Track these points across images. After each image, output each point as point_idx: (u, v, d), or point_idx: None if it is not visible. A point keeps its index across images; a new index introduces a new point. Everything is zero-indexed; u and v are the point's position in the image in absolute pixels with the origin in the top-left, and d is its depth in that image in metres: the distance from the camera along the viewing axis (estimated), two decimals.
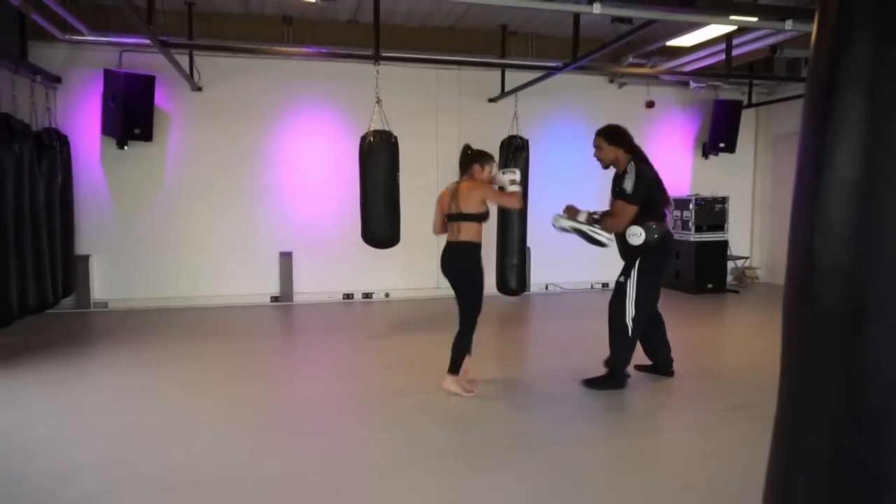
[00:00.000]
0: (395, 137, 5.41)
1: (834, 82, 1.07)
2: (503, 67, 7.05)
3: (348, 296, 7.35)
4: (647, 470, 2.88)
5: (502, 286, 6.81)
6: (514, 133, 6.78)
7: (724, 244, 7.86)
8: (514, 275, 6.63)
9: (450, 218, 3.95)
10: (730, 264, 8.22)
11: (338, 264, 7.25)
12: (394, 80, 5.52)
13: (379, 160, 5.36)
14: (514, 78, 7.15)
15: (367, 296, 7.41)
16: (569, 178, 7.98)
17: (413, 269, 7.45)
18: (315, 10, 6.39)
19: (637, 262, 3.96)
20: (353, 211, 7.04)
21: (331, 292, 7.27)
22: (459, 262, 3.91)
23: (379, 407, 3.68)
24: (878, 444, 1.05)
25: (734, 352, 5.34)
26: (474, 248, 3.87)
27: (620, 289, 4.03)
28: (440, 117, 7.53)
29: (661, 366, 4.28)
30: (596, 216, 4.14)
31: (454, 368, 3.89)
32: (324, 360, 4.87)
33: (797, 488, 1.16)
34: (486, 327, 6.37)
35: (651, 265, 3.94)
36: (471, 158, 4.00)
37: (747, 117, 8.32)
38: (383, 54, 5.49)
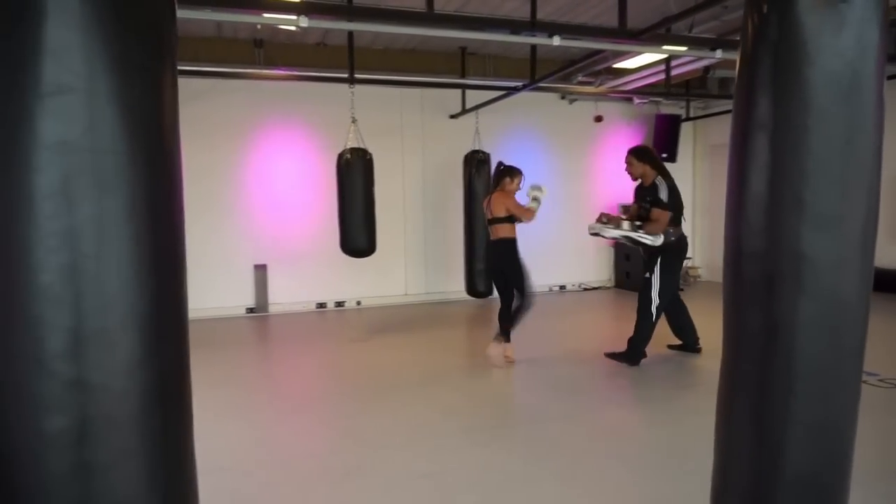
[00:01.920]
0: (370, 154, 5.81)
1: (748, 127, 1.57)
2: (464, 87, 7.54)
3: (321, 305, 7.66)
4: (618, 437, 3.37)
5: (471, 289, 7.26)
6: (476, 147, 7.29)
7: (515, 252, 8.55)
8: (482, 279, 7.09)
9: (488, 222, 4.90)
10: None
11: (310, 275, 7.56)
12: (360, 99, 5.92)
13: (356, 175, 5.75)
14: (473, 96, 7.66)
15: (339, 304, 7.74)
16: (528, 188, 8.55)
17: (382, 278, 7.83)
18: (287, 33, 6.73)
19: (658, 260, 4.74)
20: (324, 223, 7.41)
21: (304, 302, 7.58)
22: (501, 255, 4.84)
23: (377, 398, 4.07)
24: (785, 370, 1.54)
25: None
26: (510, 243, 4.78)
27: (646, 283, 4.82)
28: (404, 133, 7.97)
29: (689, 344, 5.08)
30: (638, 223, 4.84)
31: (506, 335, 4.81)
32: (315, 362, 5.21)
33: (736, 406, 1.65)
34: (459, 329, 6.83)
35: (670, 262, 4.76)
36: (503, 173, 4.91)
37: (686, 130, 9.08)
38: (344, 77, 5.92)
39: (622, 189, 8.99)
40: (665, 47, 4.79)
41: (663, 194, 4.67)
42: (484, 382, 4.55)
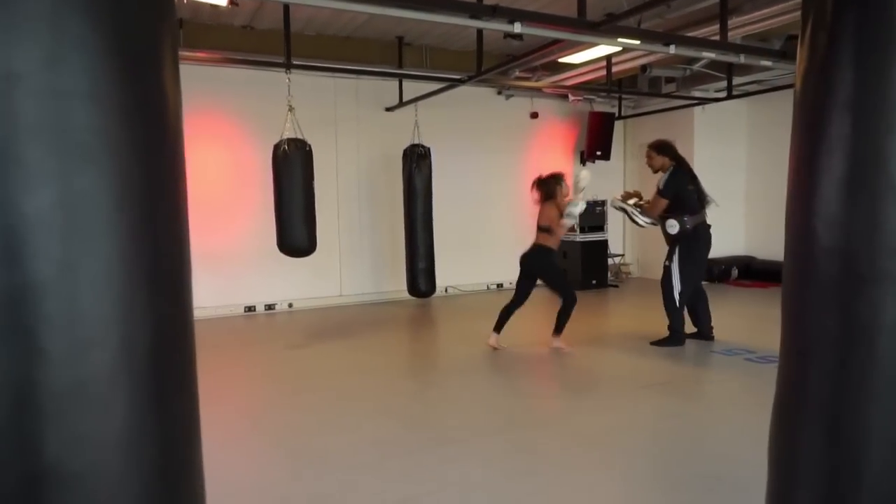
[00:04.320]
0: (310, 146, 5.40)
1: (825, 107, 1.39)
2: (401, 77, 7.23)
3: (250, 308, 7.13)
4: (599, 444, 3.20)
5: (413, 289, 6.99)
6: (416, 142, 7.01)
7: (605, 244, 8.62)
8: (424, 278, 6.84)
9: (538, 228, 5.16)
10: (609, 261, 9.00)
11: (238, 276, 7.00)
12: (292, 88, 5.49)
13: (294, 168, 5.32)
14: (410, 88, 7.37)
15: (269, 307, 7.23)
16: (469, 184, 8.37)
17: (316, 278, 7.39)
18: (211, 13, 6.17)
19: (677, 248, 4.99)
20: (253, 221, 6.89)
21: (231, 305, 7.01)
22: (533, 260, 5.13)
23: (331, 412, 3.71)
24: (869, 380, 1.38)
25: (637, 337, 5.92)
26: (545, 250, 5.06)
27: (667, 271, 5.06)
28: (339, 126, 7.56)
29: (703, 332, 5.22)
30: (643, 202, 5.18)
31: (559, 331, 5.03)
32: (251, 373, 4.74)
33: (805, 422, 1.47)
34: (402, 331, 6.52)
35: (688, 250, 4.96)
36: (555, 182, 5.15)
37: (618, 128, 9.19)
38: (281, 61, 5.48)
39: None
40: (621, 40, 4.70)
41: (661, 182, 5.00)
42: (441, 389, 4.29)
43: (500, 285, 8.62)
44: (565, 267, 8.53)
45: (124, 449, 0.78)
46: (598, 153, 8.84)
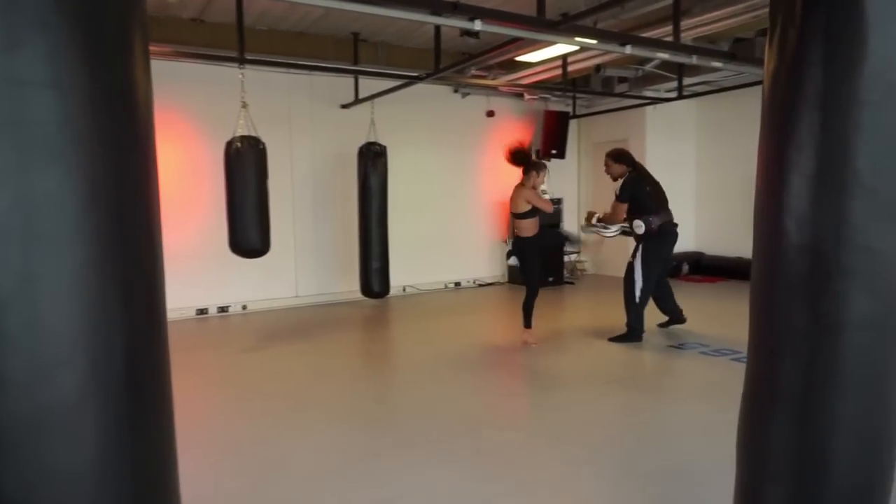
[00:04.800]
0: (264, 143, 5.26)
1: (794, 105, 1.41)
2: (357, 74, 7.13)
3: (202, 311, 6.90)
4: (566, 441, 3.21)
5: (366, 290, 6.89)
6: (373, 139, 6.92)
7: (544, 244, 8.68)
8: (378, 278, 6.75)
9: (512, 216, 5.25)
10: (565, 259, 9.10)
11: (189, 278, 6.76)
12: (244, 84, 5.34)
13: (247, 166, 5.17)
14: (366, 85, 7.28)
15: (222, 309, 7.02)
16: (426, 182, 8.32)
17: (271, 279, 7.22)
18: (158, 4, 5.93)
19: (641, 246, 5.17)
20: (205, 221, 6.68)
21: (182, 308, 6.77)
22: (521, 251, 5.23)
23: (291, 416, 3.61)
24: (837, 375, 1.40)
25: (596, 333, 5.99)
26: (527, 240, 5.15)
27: (630, 267, 5.21)
28: (293, 123, 7.39)
29: (675, 318, 5.49)
30: (601, 216, 5.45)
31: (528, 325, 5.15)
32: (207, 378, 4.57)
33: (774, 416, 1.49)
34: (359, 332, 6.42)
35: (653, 248, 5.16)
36: (530, 166, 5.21)
37: (572, 127, 9.30)
38: (234, 56, 5.32)
39: (512, 183, 9.04)
40: (579, 39, 4.73)
41: (618, 188, 5.23)
42: (404, 390, 4.24)
43: (457, 284, 8.61)
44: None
45: (95, 484, 0.69)
46: (554, 152, 8.92)
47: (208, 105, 6.67)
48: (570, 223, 9.60)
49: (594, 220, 5.42)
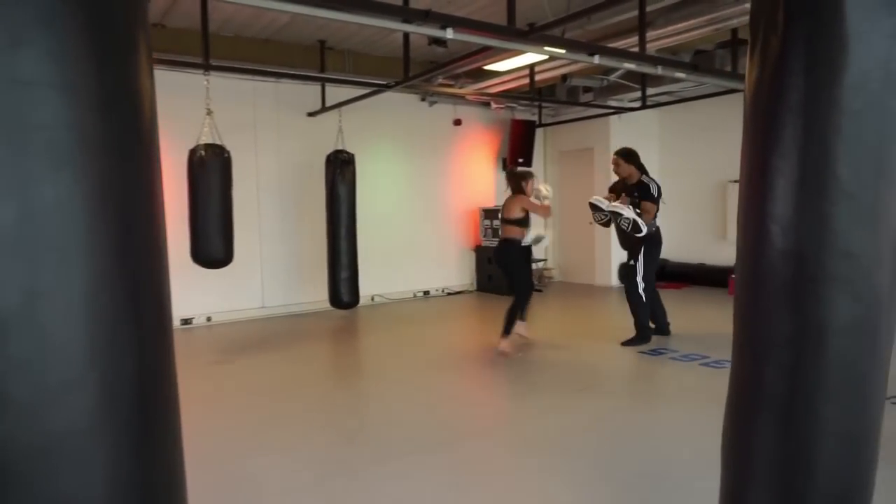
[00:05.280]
0: (228, 152, 5.15)
1: (776, 106, 1.43)
2: (324, 81, 7.06)
3: None
4: (542, 449, 3.20)
5: (335, 300, 6.80)
6: (340, 147, 6.85)
7: (528, 249, 8.73)
8: (347, 288, 6.68)
9: (503, 221, 5.32)
10: (533, 266, 9.14)
11: None
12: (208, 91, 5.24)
13: (211, 175, 5.06)
14: (333, 93, 7.22)
15: (186, 322, 6.82)
16: (393, 190, 8.28)
17: (236, 290, 7.06)
18: None
19: (641, 249, 5.34)
20: (168, 230, 6.47)
21: None
22: (511, 254, 5.22)
23: (264, 430, 3.51)
24: (820, 379, 1.42)
25: (566, 339, 6.02)
26: (512, 242, 5.21)
27: (630, 269, 5.41)
28: (258, 131, 7.27)
29: (661, 328, 5.59)
30: (637, 211, 5.36)
31: (507, 332, 5.09)
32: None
33: (758, 420, 1.50)
34: (328, 343, 6.31)
35: (650, 249, 5.35)
36: (521, 176, 5.34)
37: (538, 135, 9.39)
38: (198, 62, 5.22)
39: (482, 194, 9.09)
40: (549, 49, 4.77)
41: (654, 190, 5.32)
42: (377, 401, 4.18)
43: (426, 293, 8.57)
44: (490, 273, 8.63)
45: None
46: (521, 160, 8.98)
47: (171, 112, 6.45)
48: (537, 229, 9.65)
49: (631, 210, 5.33)
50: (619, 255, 8.97)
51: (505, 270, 5.35)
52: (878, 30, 1.32)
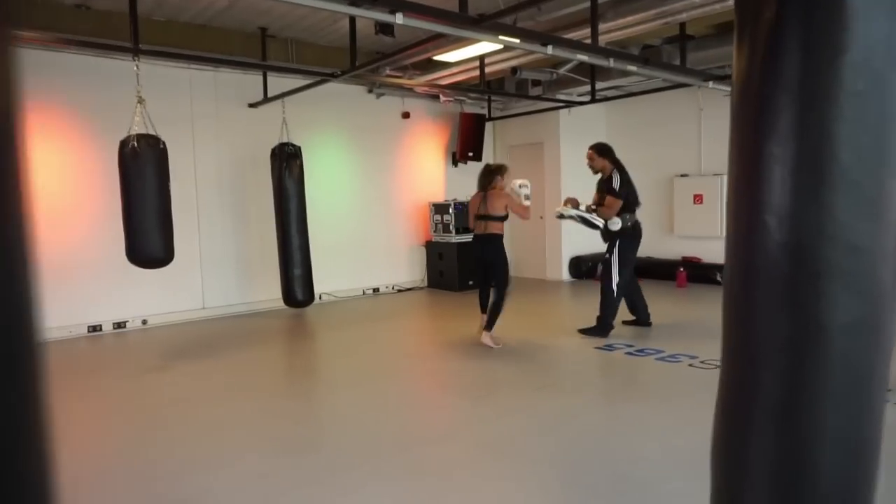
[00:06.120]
0: (164, 143, 4.81)
1: (770, 89, 1.32)
2: (265, 69, 6.74)
3: (95, 328, 6.25)
4: (496, 450, 3.07)
5: (288, 298, 6.54)
6: (285, 140, 6.57)
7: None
8: (301, 286, 6.44)
9: (479, 217, 5.19)
10: None
11: (79, 292, 6.11)
12: (141, 80, 4.87)
13: (146, 169, 4.71)
14: (276, 84, 6.90)
15: (119, 325, 6.39)
16: (340, 184, 8.02)
17: (174, 290, 6.67)
18: None
19: (617, 243, 5.29)
20: (97, 228, 6.06)
21: (71, 325, 6.10)
22: (496, 249, 5.15)
23: (203, 445, 3.25)
24: (820, 378, 1.33)
25: (520, 335, 5.93)
26: (499, 238, 5.15)
27: (606, 263, 5.37)
28: (196, 123, 6.88)
29: (641, 319, 5.62)
30: (593, 207, 5.42)
31: (490, 327, 5.09)
32: (103, 405, 4.07)
33: (752, 423, 1.40)
34: (275, 345, 6.02)
35: (626, 245, 5.32)
36: (495, 172, 5.25)
37: (487, 129, 9.29)
38: (127, 45, 4.86)
39: (430, 188, 8.92)
40: (502, 38, 4.64)
41: (616, 184, 5.26)
42: (328, 407, 3.96)
43: (376, 290, 8.35)
44: (441, 269, 8.49)
45: None
46: (470, 154, 8.87)
47: (98, 100, 6.07)
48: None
49: (582, 208, 5.38)
50: (570, 250, 9.01)
51: (490, 266, 5.24)
52: (880, 4, 1.22)
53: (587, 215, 5.33)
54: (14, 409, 0.59)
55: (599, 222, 5.30)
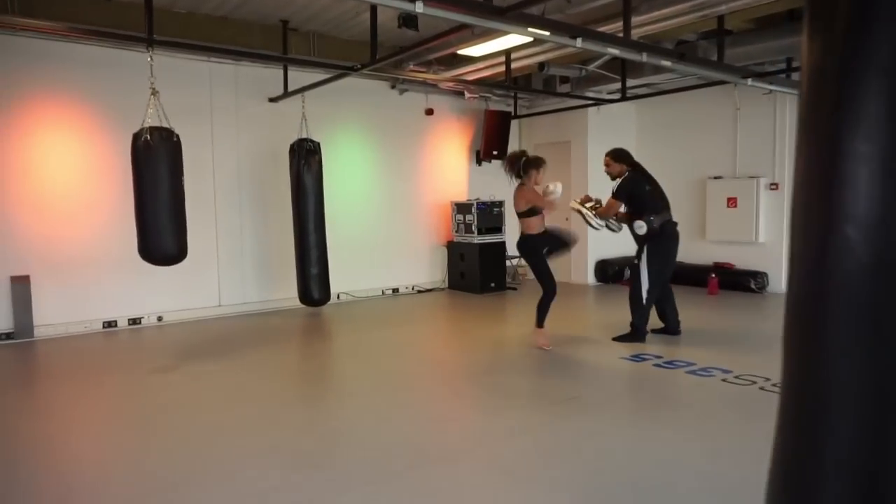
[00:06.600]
0: (178, 136, 4.68)
1: (855, 72, 1.07)
2: (286, 63, 6.59)
3: (110, 323, 6.17)
4: (510, 472, 2.84)
5: (305, 297, 6.41)
6: (305, 136, 6.42)
7: (503, 245, 8.40)
8: (317, 284, 6.29)
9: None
10: (507, 264, 8.80)
11: (94, 287, 6.04)
12: (160, 73, 4.71)
13: (159, 162, 4.58)
14: (296, 78, 6.75)
15: (134, 321, 6.30)
16: (360, 182, 7.85)
17: (190, 287, 6.56)
18: None
19: (645, 248, 5.12)
20: (114, 223, 5.97)
21: (87, 321, 6.03)
22: (524, 251, 5.07)
23: (204, 454, 3.08)
24: None
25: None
26: (528, 239, 4.98)
27: (635, 269, 5.21)
28: (214, 117, 6.76)
29: (670, 327, 5.35)
30: (599, 206, 5.28)
31: (540, 324, 4.98)
32: (104, 407, 3.94)
33: (827, 483, 1.15)
34: (290, 345, 5.86)
35: (656, 248, 5.11)
36: (528, 164, 4.97)
37: (513, 127, 9.03)
38: (141, 36, 4.74)
39: (453, 187, 8.70)
40: (530, 29, 4.40)
41: (615, 186, 5.22)
42: (337, 417, 3.77)
43: (395, 290, 8.16)
44: (462, 270, 8.27)
45: None
46: (495, 153, 8.63)
47: (117, 93, 5.98)
48: (513, 228, 9.33)
49: (588, 206, 5.31)
50: (596, 253, 8.71)
51: (527, 263, 5.15)
52: None
53: (587, 214, 5.24)
54: None
55: (595, 222, 5.23)
